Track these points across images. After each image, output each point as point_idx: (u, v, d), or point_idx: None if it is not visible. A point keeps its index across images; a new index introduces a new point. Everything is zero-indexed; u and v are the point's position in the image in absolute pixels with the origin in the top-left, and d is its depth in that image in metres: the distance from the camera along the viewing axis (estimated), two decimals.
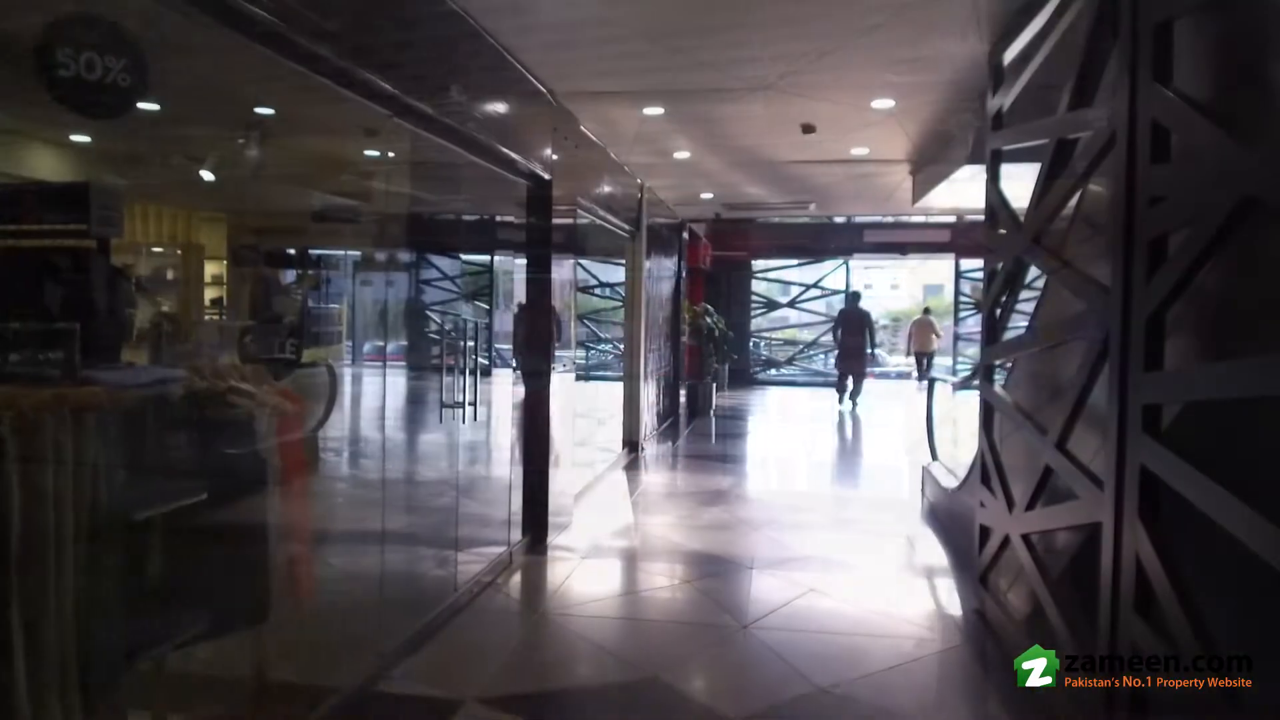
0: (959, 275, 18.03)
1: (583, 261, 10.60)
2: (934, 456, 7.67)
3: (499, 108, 4.79)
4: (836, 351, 14.71)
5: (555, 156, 5.76)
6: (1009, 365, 4.66)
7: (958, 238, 16.89)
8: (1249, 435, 2.75)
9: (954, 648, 4.07)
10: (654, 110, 6.15)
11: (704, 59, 4.95)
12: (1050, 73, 3.99)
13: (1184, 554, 2.45)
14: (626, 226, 8.97)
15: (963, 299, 18.44)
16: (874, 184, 9.24)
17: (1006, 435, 4.33)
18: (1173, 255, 2.41)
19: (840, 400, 13.81)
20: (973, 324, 19.35)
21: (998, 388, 4.40)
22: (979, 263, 18.07)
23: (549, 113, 5.72)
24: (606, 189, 7.72)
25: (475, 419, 4.56)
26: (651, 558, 5.56)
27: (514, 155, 5.03)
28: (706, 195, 10.47)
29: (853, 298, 14.93)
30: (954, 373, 18.05)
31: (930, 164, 7.71)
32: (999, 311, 4.49)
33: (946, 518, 6.24)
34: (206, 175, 4.72)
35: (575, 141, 6.39)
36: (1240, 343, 2.54)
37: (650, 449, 9.76)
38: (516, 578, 5.07)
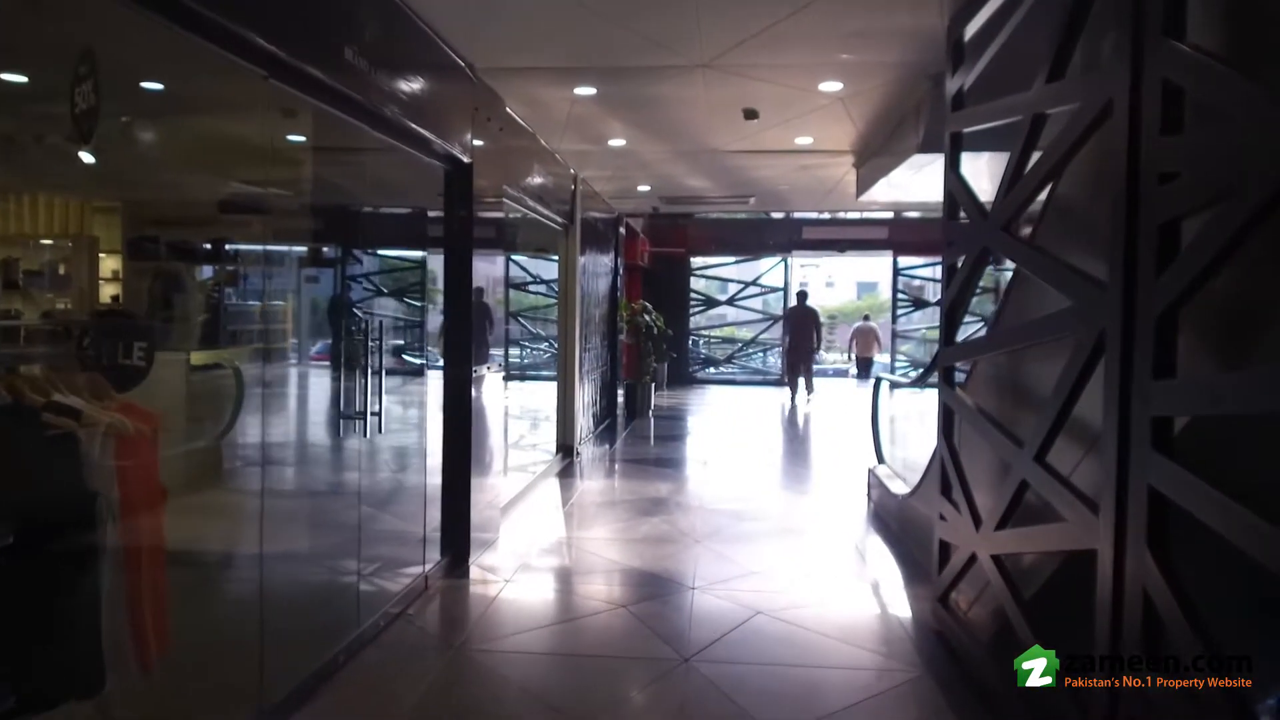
0: (897, 273, 17.99)
1: (517, 257, 10.08)
2: (880, 459, 7.38)
3: (408, 79, 4.25)
4: (784, 349, 15.10)
5: (477, 139, 5.25)
6: (966, 365, 4.34)
7: (896, 235, 16.85)
8: (1251, 450, 2.43)
9: (916, 677, 3.69)
10: (586, 90, 5.68)
11: (639, 30, 4.50)
12: (1018, 47, 3.66)
13: (1199, 588, 2.10)
14: (559, 219, 8.47)
15: (900, 297, 18.42)
16: (816, 177, 8.92)
17: (967, 442, 3.99)
18: (1191, 243, 2.04)
19: (793, 397, 14.45)
20: (915, 320, 19.42)
21: (959, 391, 4.06)
22: (916, 260, 18.13)
23: (469, 90, 5.20)
24: (537, 179, 7.21)
25: (381, 431, 4.02)
26: (585, 578, 5.09)
27: (427, 134, 4.50)
28: (644, 188, 10.04)
29: (800, 297, 15.25)
30: (892, 370, 18.03)
31: (876, 155, 7.40)
32: (960, 309, 4.15)
33: (897, 525, 5.92)
34: (86, 158, 4.08)
35: (500, 124, 5.87)
36: (1259, 345, 2.20)
37: (586, 453, 9.29)
38: (433, 606, 4.55)
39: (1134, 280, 2.26)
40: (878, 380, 7.64)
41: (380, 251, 5.13)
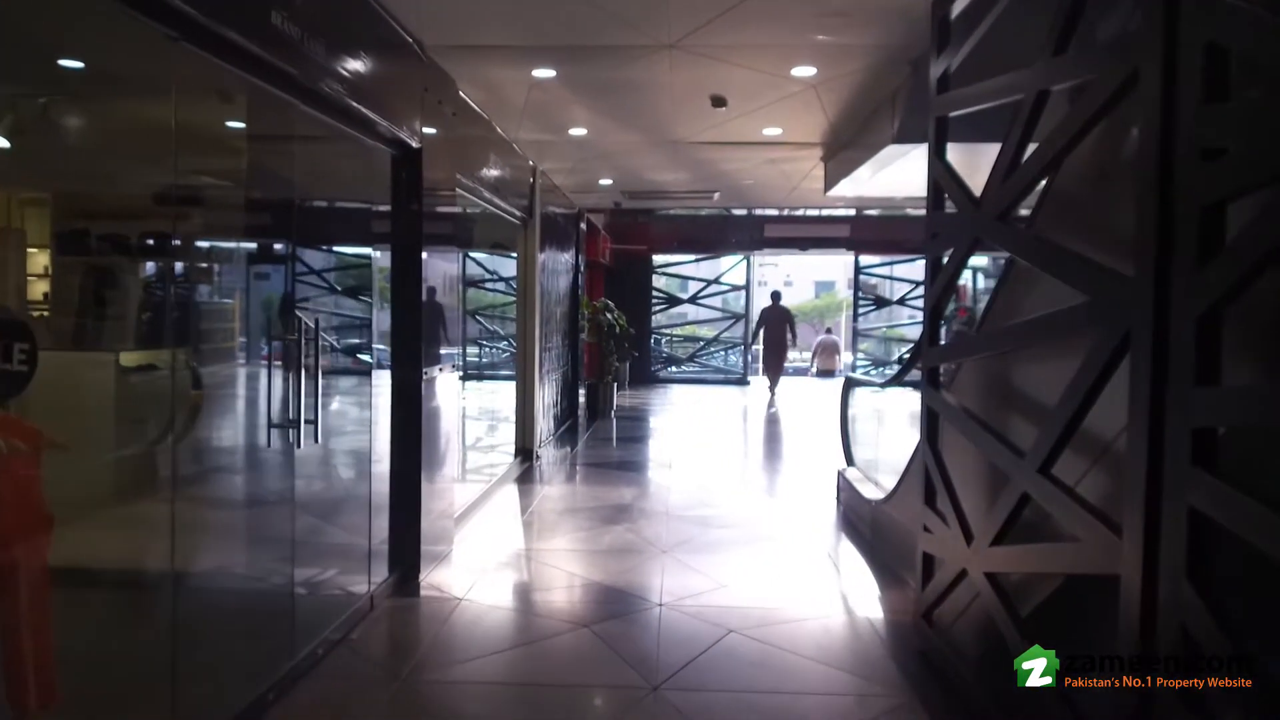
0: (858, 271, 17.88)
1: (476, 254, 9.67)
2: (849, 461, 7.15)
3: (348, 53, 3.87)
4: (760, 348, 15.84)
5: (427, 125, 4.87)
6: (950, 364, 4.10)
7: (857, 233, 16.72)
8: None
9: (901, 705, 3.42)
10: (545, 72, 5.33)
11: (603, 4, 4.17)
12: (1007, 27, 3.41)
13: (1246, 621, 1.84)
14: (518, 213, 8.10)
15: (861, 296, 18.32)
16: (783, 171, 8.67)
17: (954, 448, 3.73)
18: (1243, 230, 1.78)
19: (772, 390, 14.96)
20: (872, 319, 19.35)
21: (945, 394, 3.80)
22: (877, 259, 18.04)
23: (417, 69, 4.83)
24: (493, 170, 6.84)
25: (317, 440, 3.63)
26: (545, 595, 4.75)
27: (371, 115, 4.12)
28: (605, 181, 9.70)
29: (774, 297, 15.73)
30: (853, 368, 17.94)
31: (846, 149, 7.16)
32: (944, 306, 3.90)
33: (870, 532, 5.67)
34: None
35: (453, 108, 5.50)
36: None
37: (547, 456, 8.93)
38: (379, 630, 4.17)
39: (1167, 274, 1.99)
40: (847, 381, 7.40)
41: (333, 248, 4.75)
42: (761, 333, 15.55)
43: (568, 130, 6.90)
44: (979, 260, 17.52)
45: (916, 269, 19.44)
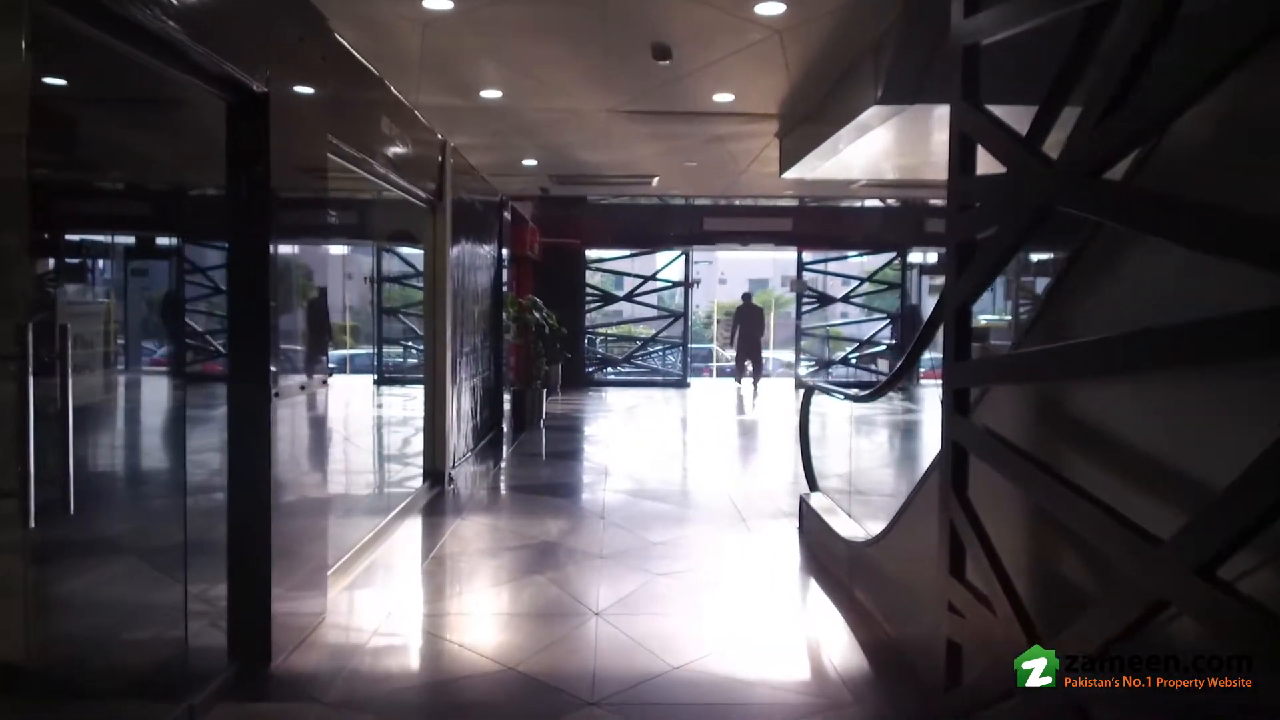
0: (801, 267, 17.01)
1: (398, 249, 8.36)
2: (812, 485, 6.15)
3: None
4: (735, 343, 16.82)
5: (282, 65, 3.67)
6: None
7: (801, 227, 15.88)
8: None
9: None
10: (439, 3, 4.15)
11: None
12: None
13: None
14: (423, 195, 6.88)
15: (805, 294, 17.45)
16: (731, 152, 7.64)
17: (989, 492, 2.73)
18: None
19: (739, 382, 16.30)
20: (815, 318, 18.56)
21: (982, 426, 2.78)
22: (820, 255, 17.24)
23: None
24: (388, 139, 5.63)
25: (71, 511, 2.41)
26: (441, 694, 3.59)
27: (187, 41, 2.91)
28: (530, 162, 8.53)
29: (746, 298, 17.50)
30: (795, 368, 17.10)
31: (807, 121, 6.15)
32: (973, 302, 2.87)
33: (849, 579, 4.66)
34: None
35: (322, 52, 4.29)
36: None
37: (463, 477, 7.74)
38: None
39: None
40: (808, 391, 6.39)
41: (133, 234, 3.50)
42: (737, 331, 16.48)
43: (478, 92, 5.73)
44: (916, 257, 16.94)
45: (853, 266, 18.80)
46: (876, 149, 5.82)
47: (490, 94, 5.76)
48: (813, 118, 5.97)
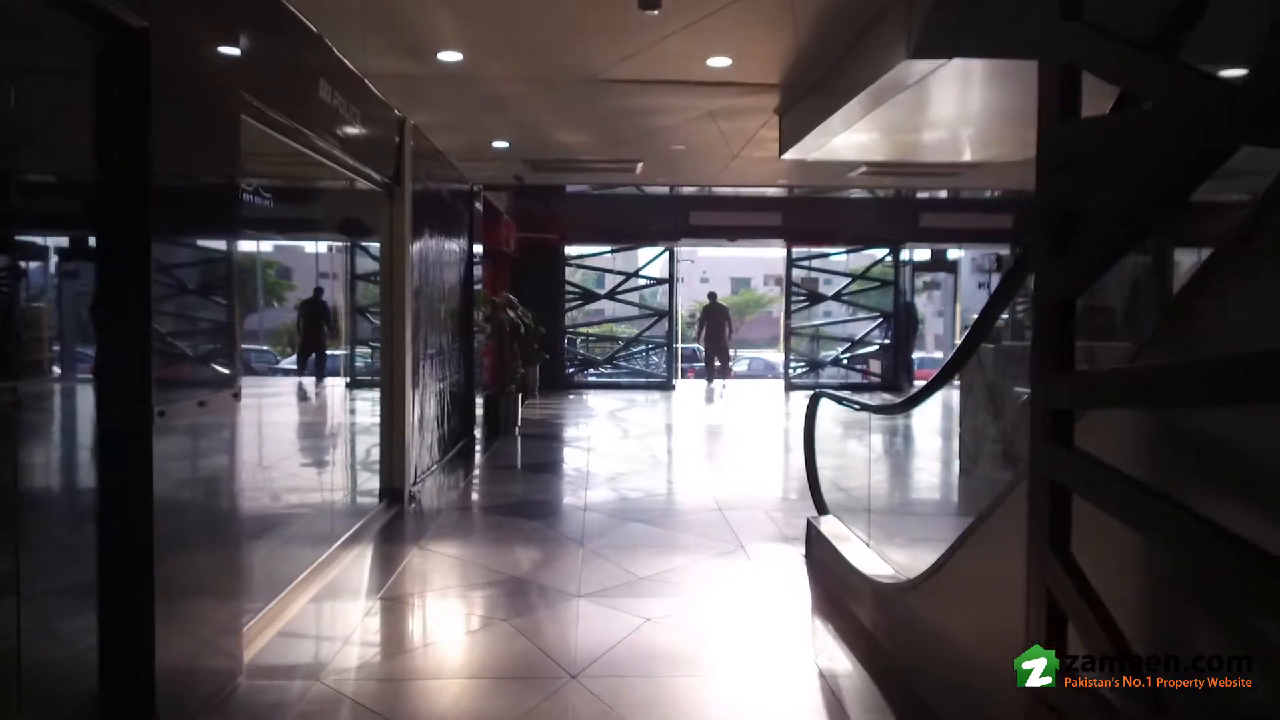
0: (791, 264, 16.25)
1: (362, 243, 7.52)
2: (821, 508, 5.41)
3: None
4: (702, 342, 17.14)
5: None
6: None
7: (790, 221, 15.17)
8: None
9: None
10: None
11: None
12: None
13: None
14: (378, 179, 6.07)
15: (795, 291, 16.69)
16: (724, 131, 6.89)
17: (1100, 542, 1.99)
18: None
19: (710, 381, 16.53)
20: (805, 317, 17.85)
21: (1087, 455, 2.03)
22: (814, 249, 16.49)
23: None
24: (327, 107, 4.82)
25: None
26: None
27: None
28: (500, 144, 7.73)
29: (711, 297, 17.38)
30: (785, 369, 16.36)
31: (813, 94, 5.40)
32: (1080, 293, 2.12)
33: (885, 634, 3.91)
34: None
35: None
36: None
37: (428, 493, 6.95)
38: None
39: None
40: (814, 398, 5.63)
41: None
42: (703, 331, 16.86)
43: (435, 54, 4.94)
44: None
45: (842, 263, 18.11)
46: (892, 121, 5.09)
47: (449, 56, 4.97)
48: (821, 87, 5.22)
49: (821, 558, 4.89)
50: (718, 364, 16.82)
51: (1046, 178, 2.15)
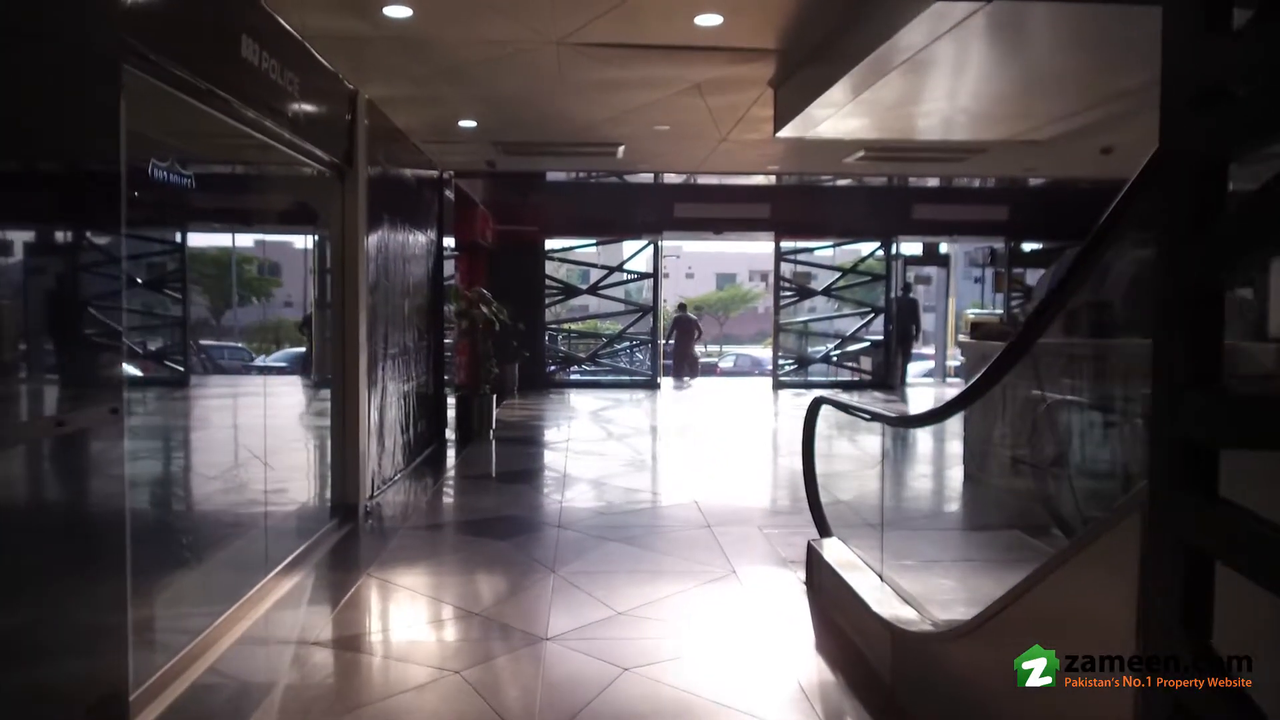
0: (780, 258, 15.62)
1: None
2: (823, 529, 4.79)
3: None
4: (672, 350, 17.23)
5: None
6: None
7: (780, 213, 14.56)
8: None
9: None
10: None
11: None
12: None
13: None
14: (324, 157, 5.40)
15: (784, 285, 16.07)
16: (712, 108, 6.25)
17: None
18: None
19: (678, 381, 16.48)
20: (794, 313, 17.26)
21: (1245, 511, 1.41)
22: (802, 243, 15.85)
23: None
24: (252, 68, 4.15)
25: None
26: None
27: None
28: (467, 123, 7.07)
29: (681, 308, 18.19)
30: (774, 366, 15.75)
31: (816, 59, 4.78)
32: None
33: (896, 679, 3.30)
34: None
35: None
36: None
37: (388, 506, 6.30)
38: None
39: None
40: (816, 403, 4.99)
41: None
42: (673, 338, 17.12)
43: (381, 9, 4.27)
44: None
45: (830, 256, 17.54)
46: (901, 93, 4.48)
47: (397, 11, 4.31)
48: (823, 51, 4.59)
49: (826, 588, 4.28)
50: (686, 369, 17.32)
51: (1177, 117, 1.52)
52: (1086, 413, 4.56)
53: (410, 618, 4.27)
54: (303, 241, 6.33)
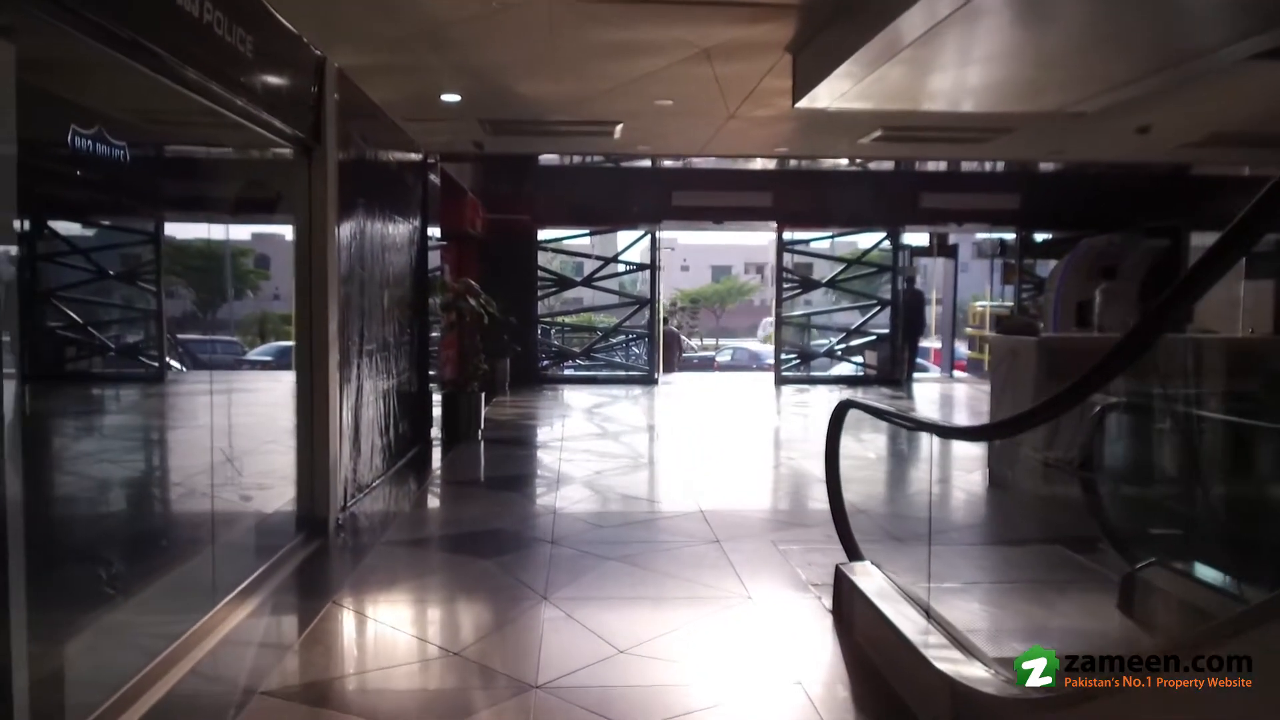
0: (782, 248, 15.01)
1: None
2: (853, 552, 4.22)
3: None
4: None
5: None
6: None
7: (782, 202, 13.96)
8: None
9: None
10: None
11: None
12: None
13: None
14: (285, 130, 4.79)
15: (786, 277, 15.44)
16: (722, 77, 5.65)
17: None
18: None
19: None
20: (797, 305, 16.68)
21: None
22: (806, 235, 15.25)
23: None
24: (192, 21, 3.55)
25: None
26: None
27: None
28: (451, 97, 6.45)
29: (664, 321, 16.93)
30: (776, 360, 15.15)
31: (845, 14, 4.18)
32: None
33: None
34: None
35: None
36: None
37: (363, 517, 5.73)
38: None
39: None
40: (842, 407, 4.41)
41: None
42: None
43: None
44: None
45: (834, 247, 16.95)
46: (942, 56, 3.89)
47: None
48: (855, 7, 4.00)
49: (860, 624, 3.71)
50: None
51: None
52: (1170, 415, 3.98)
53: (378, 658, 3.69)
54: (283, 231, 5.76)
